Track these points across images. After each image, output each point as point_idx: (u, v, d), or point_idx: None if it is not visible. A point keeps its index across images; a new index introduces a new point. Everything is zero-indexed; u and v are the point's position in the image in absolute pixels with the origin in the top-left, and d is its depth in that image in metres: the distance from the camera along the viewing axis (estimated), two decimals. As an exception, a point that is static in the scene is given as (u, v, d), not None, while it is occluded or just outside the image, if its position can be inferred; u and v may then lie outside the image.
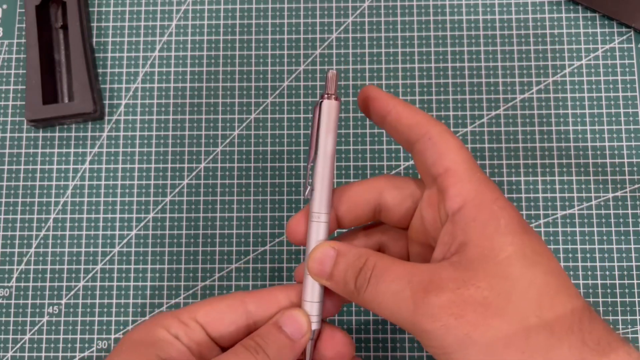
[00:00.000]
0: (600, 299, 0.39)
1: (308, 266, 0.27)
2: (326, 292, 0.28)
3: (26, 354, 0.40)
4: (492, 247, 0.23)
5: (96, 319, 0.40)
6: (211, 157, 0.42)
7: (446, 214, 0.25)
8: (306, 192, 0.28)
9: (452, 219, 0.25)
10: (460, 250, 0.24)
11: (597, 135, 0.41)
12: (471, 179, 0.25)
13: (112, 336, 0.40)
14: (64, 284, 0.41)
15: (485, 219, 0.24)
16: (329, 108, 0.28)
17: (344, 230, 0.33)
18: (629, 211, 0.40)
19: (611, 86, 0.42)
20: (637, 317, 0.39)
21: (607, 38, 0.43)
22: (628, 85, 0.42)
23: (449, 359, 0.23)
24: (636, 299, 0.39)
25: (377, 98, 0.28)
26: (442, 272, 0.24)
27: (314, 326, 0.28)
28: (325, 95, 0.28)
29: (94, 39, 0.44)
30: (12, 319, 0.40)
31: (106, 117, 0.43)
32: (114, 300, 0.40)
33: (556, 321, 0.22)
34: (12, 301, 0.41)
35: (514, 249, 0.23)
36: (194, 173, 0.42)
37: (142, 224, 0.41)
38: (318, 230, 0.28)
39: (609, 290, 0.39)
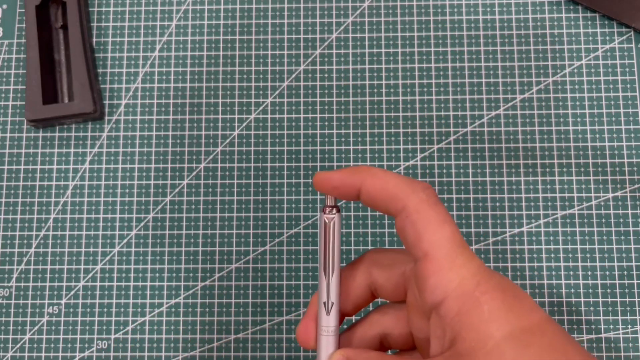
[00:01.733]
0: (600, 299, 0.39)
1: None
2: None
3: (26, 354, 0.40)
4: (479, 338, 0.22)
5: (96, 319, 0.40)
6: (211, 157, 0.42)
7: (428, 305, 0.24)
8: (330, 311, 0.28)
9: (437, 313, 0.24)
10: (452, 344, 0.23)
11: (597, 135, 0.41)
12: (452, 266, 0.24)
13: (112, 336, 0.40)
14: (64, 284, 0.41)
15: (468, 310, 0.23)
16: (335, 222, 0.27)
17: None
18: (629, 211, 0.40)
19: (611, 86, 0.42)
20: (637, 317, 0.39)
21: (607, 38, 0.43)
22: (628, 85, 0.42)
23: None
24: (636, 299, 0.39)
25: (340, 185, 0.26)
26: None
27: None
28: (327, 209, 0.27)
29: (94, 39, 0.44)
30: (12, 319, 0.40)
31: (106, 117, 0.43)
32: (114, 300, 0.40)
33: None
34: (12, 301, 0.41)
35: (501, 334, 0.22)
36: (194, 173, 0.42)
37: (142, 224, 0.41)
38: (328, 344, 0.28)
39: (609, 290, 0.39)
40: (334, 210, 0.27)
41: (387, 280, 0.27)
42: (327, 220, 0.27)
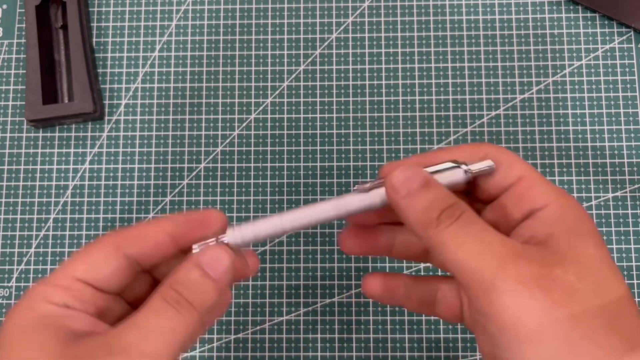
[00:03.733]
0: (600, 299, 0.39)
1: (396, 173, 0.25)
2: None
3: (26, 354, 0.40)
4: (578, 244, 0.23)
5: (96, 319, 0.40)
6: (211, 157, 0.42)
7: (524, 214, 0.24)
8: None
9: (535, 216, 0.24)
10: (544, 242, 0.23)
11: (597, 135, 0.41)
12: (550, 185, 0.25)
13: (112, 336, 0.40)
14: (64, 284, 0.41)
15: (572, 219, 0.24)
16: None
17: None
18: (629, 211, 0.40)
19: (611, 86, 0.42)
20: (637, 317, 0.39)
21: (607, 38, 0.43)
22: (628, 85, 0.42)
23: (511, 337, 0.21)
24: (636, 299, 0.39)
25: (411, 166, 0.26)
26: (530, 248, 0.23)
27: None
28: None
29: (94, 39, 0.44)
30: (12, 319, 0.40)
31: (106, 117, 0.43)
32: (114, 300, 0.40)
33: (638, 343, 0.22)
34: (12, 301, 0.40)
35: (601, 253, 0.23)
36: (194, 173, 0.42)
37: (142, 224, 0.41)
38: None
39: (609, 290, 0.39)
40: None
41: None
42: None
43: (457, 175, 0.25)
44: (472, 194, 0.27)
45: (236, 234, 0.26)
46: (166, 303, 0.23)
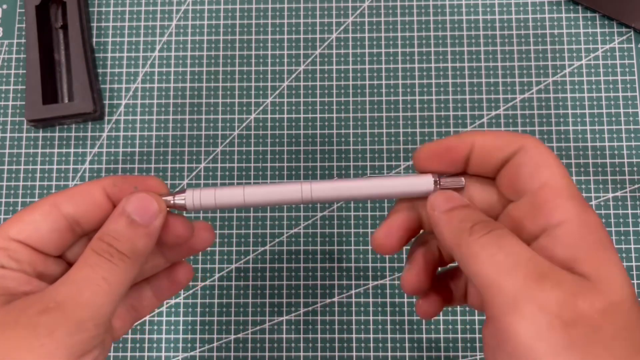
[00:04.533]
0: (600, 299, 0.39)
1: (437, 194, 0.25)
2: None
3: (26, 354, 0.40)
4: (603, 272, 0.22)
5: (96, 319, 0.40)
6: (211, 157, 0.42)
7: (541, 228, 0.23)
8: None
9: (552, 233, 0.23)
10: (566, 265, 0.22)
11: (597, 135, 0.41)
12: (574, 197, 0.23)
13: (112, 336, 0.40)
14: (64, 284, 0.41)
15: (594, 240, 0.23)
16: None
17: None
18: (629, 211, 0.40)
19: (611, 86, 0.42)
20: (637, 317, 0.39)
21: (607, 38, 0.43)
22: (628, 85, 0.42)
23: None
24: (637, 299, 0.39)
25: (450, 147, 0.26)
26: (557, 270, 0.22)
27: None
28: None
29: (94, 39, 0.44)
30: (12, 319, 0.40)
31: (106, 117, 0.43)
32: (114, 300, 0.40)
33: None
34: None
35: (624, 282, 0.22)
36: (194, 173, 0.42)
37: (142, 224, 0.41)
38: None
39: (609, 290, 0.39)
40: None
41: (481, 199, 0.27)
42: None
43: (428, 185, 0.26)
44: (499, 187, 0.26)
45: (195, 195, 0.26)
46: (98, 255, 0.23)
